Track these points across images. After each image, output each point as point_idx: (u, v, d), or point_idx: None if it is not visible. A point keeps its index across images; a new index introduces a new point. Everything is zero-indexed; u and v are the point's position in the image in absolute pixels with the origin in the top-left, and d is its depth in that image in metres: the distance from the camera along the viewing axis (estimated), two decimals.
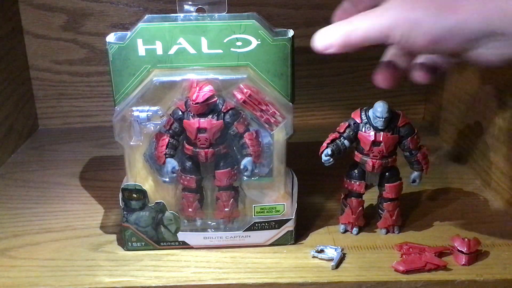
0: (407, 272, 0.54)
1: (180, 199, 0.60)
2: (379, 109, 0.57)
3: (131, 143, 0.57)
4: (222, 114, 0.55)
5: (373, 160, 0.59)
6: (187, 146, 0.57)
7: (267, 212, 0.59)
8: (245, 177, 0.58)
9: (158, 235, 0.59)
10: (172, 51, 0.54)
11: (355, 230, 0.62)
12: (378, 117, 0.57)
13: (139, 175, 0.59)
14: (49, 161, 0.86)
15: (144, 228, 0.59)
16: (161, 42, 0.54)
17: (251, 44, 0.54)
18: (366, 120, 0.59)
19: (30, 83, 0.97)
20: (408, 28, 0.43)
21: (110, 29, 0.95)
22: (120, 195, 0.58)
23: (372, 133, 0.58)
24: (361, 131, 0.59)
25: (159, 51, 0.54)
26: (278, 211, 0.59)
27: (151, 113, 0.56)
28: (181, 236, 0.59)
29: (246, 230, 0.59)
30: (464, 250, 0.56)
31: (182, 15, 0.56)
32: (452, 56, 0.48)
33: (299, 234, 0.62)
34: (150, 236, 0.59)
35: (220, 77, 0.55)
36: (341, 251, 0.58)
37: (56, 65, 0.97)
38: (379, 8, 0.45)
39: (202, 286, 0.55)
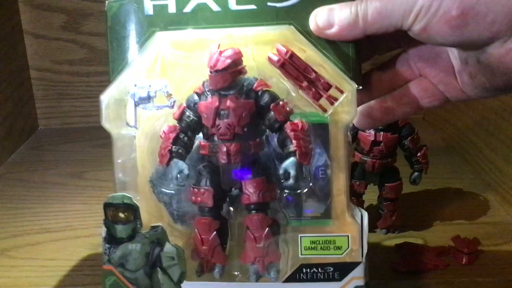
0: (407, 272, 0.54)
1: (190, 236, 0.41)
2: None
3: (122, 132, 0.42)
4: (254, 93, 0.40)
5: (373, 160, 0.59)
6: (202, 143, 0.41)
7: (321, 248, 0.41)
8: (286, 189, 0.41)
9: (154, 286, 0.39)
10: (188, 8, 0.41)
11: None
12: None
13: (130, 182, 0.43)
14: (49, 161, 0.86)
15: (134, 273, 0.39)
16: None
17: None
18: None
19: (30, 83, 0.97)
20: (431, 1, 0.36)
21: None
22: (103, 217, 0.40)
23: (372, 133, 0.58)
24: (361, 131, 0.59)
25: (172, 8, 0.41)
26: (339, 247, 0.41)
27: (153, 90, 0.41)
28: None
29: (289, 280, 0.41)
30: (464, 250, 0.55)
31: None
32: (476, 48, 0.38)
33: None
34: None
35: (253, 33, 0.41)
36: None
37: (56, 65, 0.97)
38: None
39: None
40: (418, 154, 0.60)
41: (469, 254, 0.55)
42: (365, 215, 0.42)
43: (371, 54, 0.45)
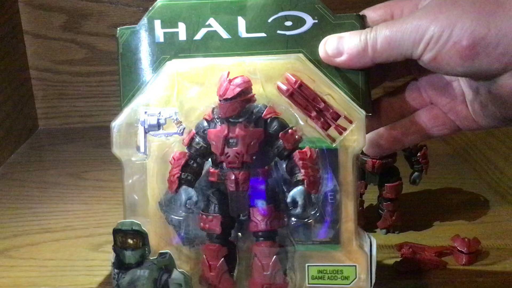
0: (407, 272, 0.54)
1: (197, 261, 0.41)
2: None
3: (133, 158, 0.42)
4: (263, 121, 0.40)
5: (373, 160, 0.59)
6: (212, 170, 0.41)
7: (328, 278, 0.41)
8: (293, 217, 0.40)
9: None
10: (198, 36, 0.41)
11: None
12: None
13: (139, 208, 0.43)
14: (49, 161, 0.87)
15: None
16: (185, 23, 0.41)
17: (305, 24, 0.41)
18: None
19: (30, 83, 0.97)
20: (441, 30, 0.35)
21: (110, 29, 0.95)
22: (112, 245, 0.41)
23: None
24: None
25: (182, 36, 0.41)
26: (347, 277, 0.41)
27: (163, 117, 0.41)
28: None
29: None
30: (464, 250, 0.55)
31: None
32: (486, 79, 0.38)
33: None
34: None
35: (263, 62, 0.41)
36: None
37: (56, 65, 0.97)
38: (411, 14, 0.38)
39: None
40: (418, 154, 0.60)
41: (469, 254, 0.55)
42: (374, 242, 0.42)
43: (381, 80, 0.45)
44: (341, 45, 0.39)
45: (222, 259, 0.40)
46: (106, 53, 0.97)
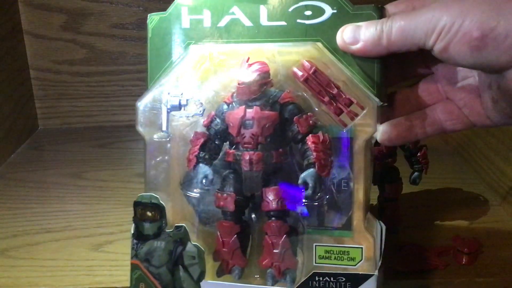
0: (407, 272, 0.54)
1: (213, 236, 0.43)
2: None
3: (154, 137, 0.44)
4: (278, 105, 0.42)
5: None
6: (228, 151, 0.43)
7: (335, 258, 0.42)
8: (304, 199, 0.41)
9: (176, 283, 0.43)
10: (222, 23, 0.44)
11: None
12: None
13: (159, 183, 0.45)
14: (49, 161, 0.87)
15: (157, 269, 0.43)
16: (210, 11, 0.44)
17: (324, 14, 0.42)
18: None
19: (30, 83, 0.97)
20: (453, 20, 0.36)
21: (110, 29, 0.95)
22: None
23: None
24: None
25: (207, 23, 0.44)
26: (353, 259, 0.42)
27: (185, 99, 0.44)
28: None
29: (301, 287, 0.42)
30: (464, 250, 0.55)
31: None
32: (495, 72, 0.39)
33: None
34: (164, 283, 0.43)
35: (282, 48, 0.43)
36: None
37: (56, 65, 0.97)
38: (426, 6, 0.39)
39: None
40: (418, 154, 0.60)
41: (469, 254, 0.55)
42: (383, 228, 0.43)
43: (401, 79, 0.46)
44: (358, 33, 0.41)
45: (235, 236, 0.42)
46: (106, 53, 0.97)
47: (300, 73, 0.42)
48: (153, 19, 0.45)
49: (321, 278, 0.41)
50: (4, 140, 0.86)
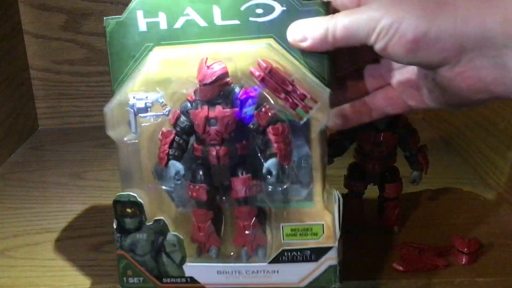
0: (407, 272, 0.54)
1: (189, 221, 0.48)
2: None
3: (125, 139, 0.46)
4: (238, 101, 0.44)
5: (373, 160, 0.59)
6: (196, 146, 0.46)
7: (300, 235, 0.46)
8: (269, 186, 0.46)
9: (160, 267, 0.47)
10: (178, 24, 0.45)
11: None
12: None
13: (134, 182, 0.48)
14: (49, 161, 0.87)
15: (142, 257, 0.47)
16: (165, 13, 0.45)
17: (274, 11, 0.44)
18: None
19: (30, 83, 0.98)
20: (391, 23, 0.40)
21: None
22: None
23: (372, 133, 0.58)
24: (362, 131, 0.58)
25: (163, 25, 0.45)
26: (315, 234, 0.46)
27: (150, 101, 0.46)
28: (189, 269, 0.47)
29: (273, 262, 0.46)
30: (464, 250, 0.55)
31: None
32: (429, 69, 0.43)
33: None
34: (149, 268, 0.48)
35: (238, 49, 0.45)
36: None
37: (56, 65, 0.97)
38: (367, 5, 0.42)
39: None
40: (418, 154, 0.60)
41: (469, 254, 0.56)
42: (341, 199, 0.47)
43: (352, 66, 0.50)
44: (306, 31, 0.44)
45: (209, 221, 0.47)
46: (106, 53, 0.96)
47: (257, 73, 0.44)
48: (109, 23, 0.46)
49: (289, 253, 0.46)
50: (4, 140, 0.86)
